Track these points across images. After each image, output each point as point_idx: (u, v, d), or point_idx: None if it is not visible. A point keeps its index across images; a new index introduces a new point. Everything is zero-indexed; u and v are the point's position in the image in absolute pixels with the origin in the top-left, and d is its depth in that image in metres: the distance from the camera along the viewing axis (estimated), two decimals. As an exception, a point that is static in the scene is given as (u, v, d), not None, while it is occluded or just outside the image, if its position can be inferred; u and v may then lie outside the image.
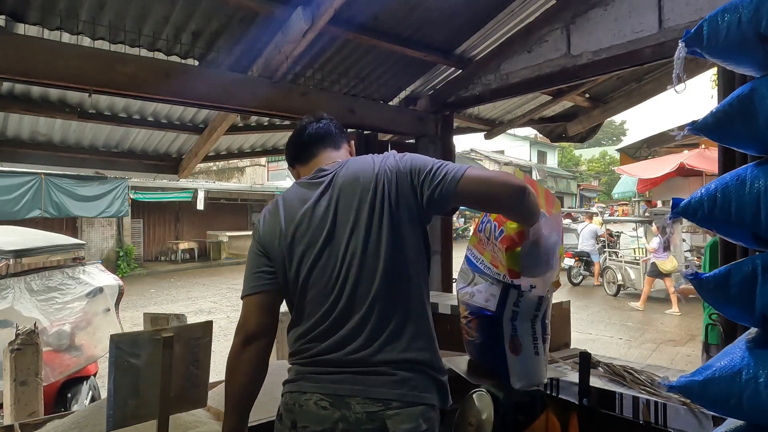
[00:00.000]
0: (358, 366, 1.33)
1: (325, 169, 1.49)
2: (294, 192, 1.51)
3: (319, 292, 1.38)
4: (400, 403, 1.29)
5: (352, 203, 1.39)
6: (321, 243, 1.39)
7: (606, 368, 1.96)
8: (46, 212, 11.10)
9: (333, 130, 1.61)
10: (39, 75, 2.53)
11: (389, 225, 1.36)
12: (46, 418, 2.00)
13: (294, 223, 1.43)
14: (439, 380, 1.38)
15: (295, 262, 1.40)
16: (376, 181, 1.39)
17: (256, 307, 1.43)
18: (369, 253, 1.35)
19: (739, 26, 0.97)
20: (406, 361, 1.32)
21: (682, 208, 1.09)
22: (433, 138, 4.22)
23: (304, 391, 1.35)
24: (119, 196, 12.41)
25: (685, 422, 1.60)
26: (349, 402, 1.30)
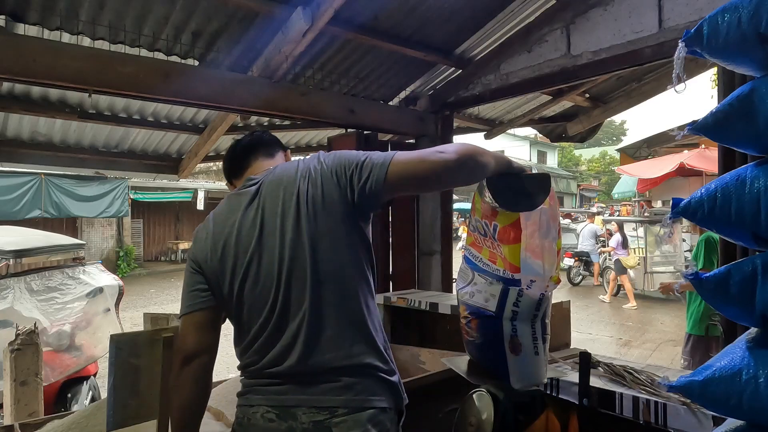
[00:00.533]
0: (301, 376, 1.30)
1: (253, 177, 1.46)
2: (223, 205, 1.47)
3: (253, 304, 1.35)
4: (346, 409, 1.26)
5: (276, 209, 1.35)
6: (250, 254, 1.35)
7: (606, 368, 1.96)
8: (46, 212, 11.10)
9: (265, 140, 1.59)
10: (39, 75, 2.53)
11: (315, 228, 1.32)
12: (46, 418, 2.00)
13: (223, 236, 1.39)
14: (388, 381, 1.34)
15: (228, 276, 1.36)
16: (298, 184, 1.35)
17: (192, 325, 1.39)
18: (297, 260, 1.31)
19: (739, 26, 0.97)
20: (349, 367, 1.29)
21: (682, 207, 1.09)
22: (433, 138, 4.22)
23: (251, 404, 1.33)
24: (119, 196, 12.40)
25: (685, 422, 1.60)
26: (295, 412, 1.27)
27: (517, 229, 1.55)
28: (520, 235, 1.55)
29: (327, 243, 1.32)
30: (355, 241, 1.36)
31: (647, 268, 10.23)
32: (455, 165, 1.30)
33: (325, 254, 1.32)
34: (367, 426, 1.26)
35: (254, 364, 1.35)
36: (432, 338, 3.36)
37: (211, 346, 1.40)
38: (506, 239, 1.58)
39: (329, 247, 1.32)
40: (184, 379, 1.37)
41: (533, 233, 1.55)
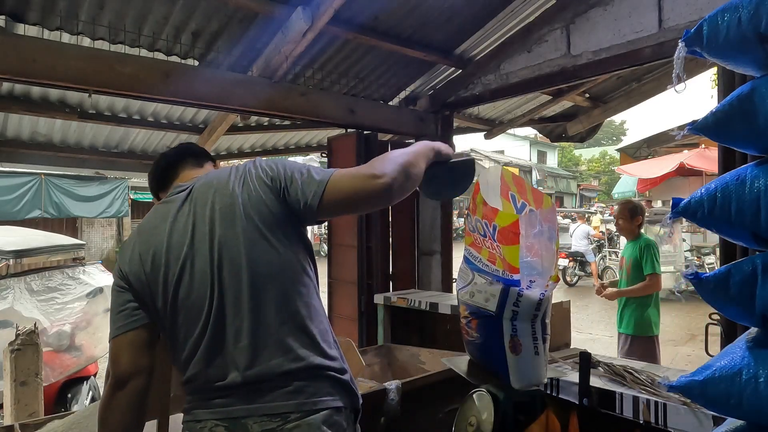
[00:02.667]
0: (249, 384, 1.23)
1: (181, 185, 1.39)
2: (150, 216, 1.39)
3: (188, 314, 1.27)
4: (299, 414, 1.21)
5: (206, 213, 1.30)
6: (182, 260, 1.28)
7: (606, 368, 1.96)
8: (46, 212, 11.10)
9: (193, 150, 1.54)
10: (39, 75, 2.53)
11: (250, 231, 1.27)
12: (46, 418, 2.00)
13: (152, 246, 1.31)
14: (340, 380, 1.30)
15: (161, 287, 1.28)
16: (232, 187, 1.30)
17: (126, 346, 1.29)
18: (233, 263, 1.26)
19: (739, 26, 0.97)
20: (297, 370, 1.24)
21: (682, 207, 1.09)
22: (433, 138, 4.21)
23: (198, 420, 1.26)
24: (119, 197, 12.40)
25: (685, 422, 1.60)
26: (245, 423, 1.21)
27: (515, 230, 1.55)
28: (518, 237, 1.55)
29: (263, 246, 1.27)
30: (292, 242, 1.32)
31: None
32: (389, 189, 1.26)
33: (262, 257, 1.27)
34: (322, 428, 1.22)
35: (196, 378, 1.27)
36: (432, 338, 3.36)
37: (146, 368, 1.30)
38: (505, 240, 1.59)
39: (266, 250, 1.28)
40: (116, 405, 1.27)
41: (532, 234, 1.56)
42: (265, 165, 1.35)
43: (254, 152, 5.72)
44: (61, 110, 3.71)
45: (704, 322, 2.30)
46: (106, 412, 1.29)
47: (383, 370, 2.80)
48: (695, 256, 10.74)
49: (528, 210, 1.66)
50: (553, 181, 35.16)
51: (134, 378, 1.28)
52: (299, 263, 1.32)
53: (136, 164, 5.00)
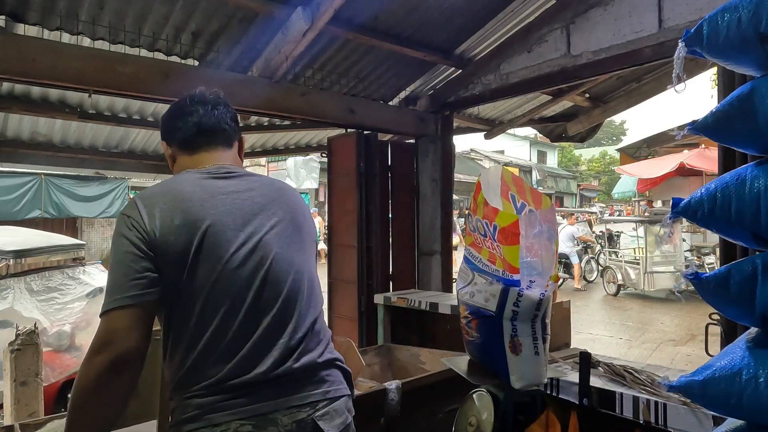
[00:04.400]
0: (278, 379, 1.21)
1: (229, 168, 1.39)
2: (192, 185, 1.29)
3: (233, 304, 1.21)
4: (326, 401, 1.27)
5: (272, 210, 1.35)
6: (236, 243, 1.24)
7: (606, 368, 1.96)
8: (46, 212, 11.11)
9: (230, 128, 1.48)
10: (39, 75, 2.53)
11: (298, 234, 1.39)
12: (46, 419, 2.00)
13: (204, 221, 1.21)
14: (346, 370, 1.39)
15: (208, 265, 1.19)
16: (291, 198, 1.43)
17: (133, 320, 1.12)
18: (279, 258, 1.30)
19: (739, 26, 0.97)
20: (322, 362, 1.31)
21: (682, 207, 1.09)
22: (433, 138, 4.22)
23: (216, 423, 1.14)
24: (119, 197, 12.41)
25: (685, 422, 1.60)
26: (274, 418, 1.17)
27: (516, 230, 1.55)
28: (518, 237, 1.55)
29: (309, 250, 1.42)
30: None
31: (647, 268, 10.22)
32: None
33: (309, 260, 1.40)
34: (346, 413, 1.31)
35: (211, 377, 1.17)
36: (432, 338, 3.36)
37: (146, 351, 1.16)
38: (505, 240, 1.59)
39: (309, 255, 1.41)
40: (109, 390, 1.10)
41: (531, 234, 1.56)
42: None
43: (254, 152, 5.72)
44: (61, 110, 3.71)
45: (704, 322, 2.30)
46: (90, 401, 1.10)
47: (383, 370, 2.80)
48: (695, 256, 10.74)
49: (527, 210, 1.66)
50: (553, 181, 35.16)
51: (137, 360, 1.12)
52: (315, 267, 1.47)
53: (136, 164, 5.00)
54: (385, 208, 4.20)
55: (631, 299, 10.62)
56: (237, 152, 1.51)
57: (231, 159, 1.46)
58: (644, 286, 10.29)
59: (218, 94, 1.51)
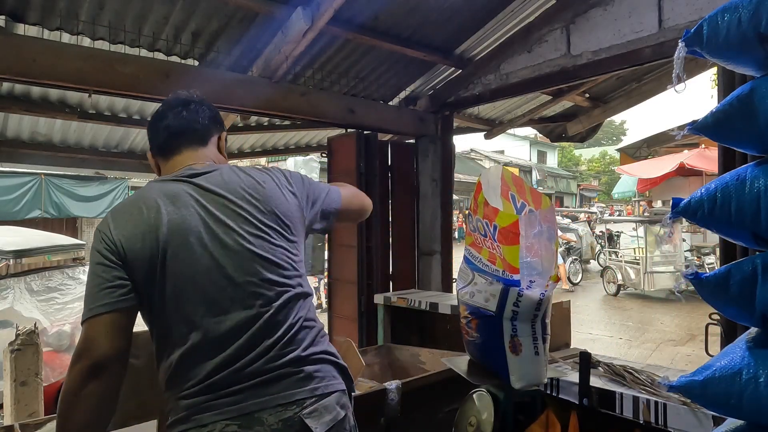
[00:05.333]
0: (260, 376, 1.20)
1: (195, 168, 1.35)
2: (153, 193, 1.30)
3: (212, 306, 1.23)
4: (313, 398, 1.23)
5: (236, 210, 1.30)
6: (194, 246, 1.24)
7: (606, 368, 1.96)
8: (46, 212, 11.11)
9: (200, 125, 1.44)
10: (39, 75, 2.53)
11: (278, 229, 1.35)
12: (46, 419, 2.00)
13: (167, 225, 1.24)
14: (340, 364, 1.35)
15: (158, 269, 1.21)
16: (266, 193, 1.39)
17: (110, 327, 1.16)
18: (246, 253, 1.27)
19: (739, 26, 0.97)
20: (308, 356, 1.27)
21: (682, 207, 1.09)
22: (433, 138, 4.22)
23: (204, 424, 1.16)
24: (119, 197, 12.39)
25: (685, 422, 1.60)
26: (260, 417, 1.17)
27: (516, 230, 1.56)
28: (519, 237, 1.55)
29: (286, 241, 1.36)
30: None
31: (647, 268, 10.22)
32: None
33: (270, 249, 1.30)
34: (337, 409, 1.26)
35: (196, 376, 1.20)
36: (432, 338, 3.36)
37: (125, 355, 1.19)
38: (506, 240, 1.59)
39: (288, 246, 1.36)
40: (88, 395, 1.13)
41: (531, 234, 1.56)
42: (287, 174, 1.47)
43: (254, 152, 5.72)
44: (61, 110, 3.71)
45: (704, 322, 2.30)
46: (74, 405, 1.15)
47: (383, 370, 2.80)
48: (695, 256, 10.75)
49: (527, 210, 1.66)
50: (553, 181, 35.16)
51: (114, 364, 1.16)
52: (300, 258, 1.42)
53: (136, 164, 5.00)
54: (385, 208, 4.20)
55: (631, 299, 10.62)
56: (216, 148, 1.47)
57: (205, 157, 1.41)
58: (644, 286, 10.29)
59: (192, 94, 1.50)
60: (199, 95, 1.52)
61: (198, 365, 1.20)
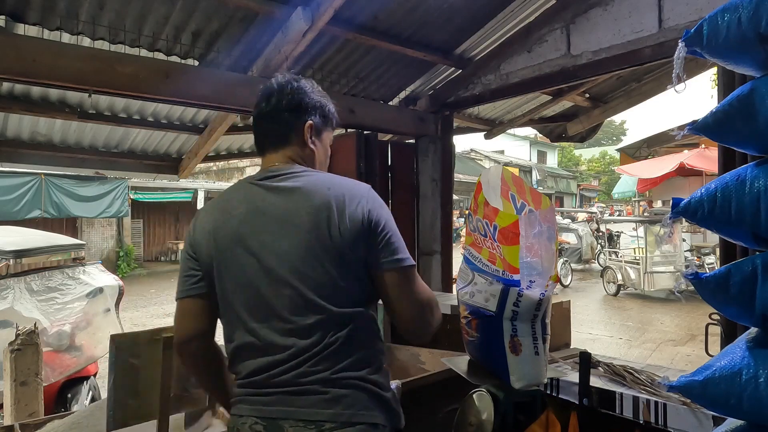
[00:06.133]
0: (289, 386, 1.22)
1: (273, 172, 1.36)
2: (235, 189, 1.40)
3: (258, 306, 1.28)
4: (333, 423, 1.18)
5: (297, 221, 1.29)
6: (253, 249, 1.28)
7: (606, 368, 1.96)
8: (46, 212, 11.11)
9: (282, 121, 1.39)
10: (39, 75, 2.53)
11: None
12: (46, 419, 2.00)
13: (225, 227, 1.33)
14: (383, 397, 1.26)
15: (216, 268, 1.31)
16: (329, 206, 1.29)
17: (184, 311, 1.34)
18: (303, 263, 1.25)
19: (739, 26, 0.97)
20: (339, 379, 1.22)
21: (682, 207, 1.09)
22: (433, 138, 4.22)
23: (241, 414, 1.26)
24: (119, 197, 12.42)
25: (685, 422, 1.60)
26: (282, 425, 1.20)
27: (516, 230, 1.56)
28: (518, 237, 1.55)
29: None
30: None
31: (647, 268, 10.23)
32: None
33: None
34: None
35: (243, 370, 1.28)
36: (432, 338, 3.36)
37: (204, 332, 1.34)
38: (506, 240, 1.59)
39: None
40: (183, 362, 1.40)
41: (531, 234, 1.56)
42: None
43: (254, 152, 5.71)
44: (61, 110, 3.71)
45: (704, 322, 2.30)
46: (183, 365, 1.41)
47: (383, 370, 2.80)
48: (695, 256, 10.75)
49: (527, 210, 1.66)
50: (553, 181, 35.16)
51: (193, 341, 1.33)
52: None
53: (136, 164, 4.99)
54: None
55: (631, 299, 10.62)
56: (302, 141, 1.39)
57: (286, 158, 1.37)
58: (644, 286, 10.30)
59: (280, 81, 1.41)
60: (288, 78, 1.42)
61: (243, 362, 1.29)
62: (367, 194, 1.32)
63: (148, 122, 4.21)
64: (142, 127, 4.27)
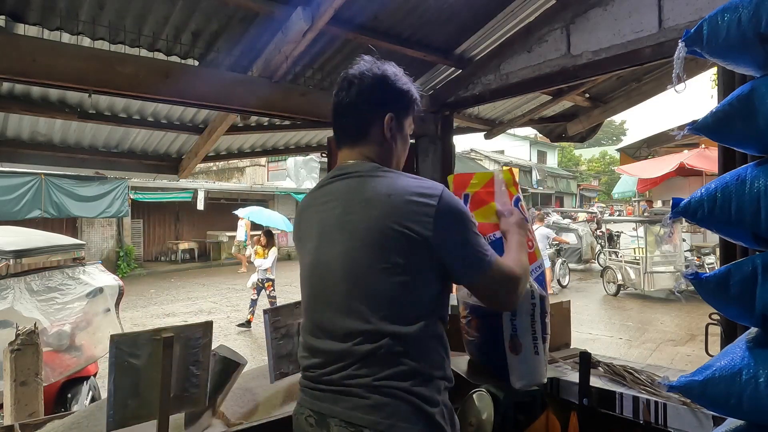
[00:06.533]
0: (335, 386, 1.24)
1: (343, 170, 1.36)
2: (320, 184, 1.43)
3: (325, 296, 1.32)
4: (371, 430, 1.18)
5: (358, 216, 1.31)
6: (326, 247, 1.33)
7: (606, 368, 1.96)
8: (46, 212, 11.12)
9: (357, 111, 1.36)
10: (39, 75, 2.53)
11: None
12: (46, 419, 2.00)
13: (302, 221, 1.46)
14: (426, 411, 1.21)
15: (305, 255, 1.40)
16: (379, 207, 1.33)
17: None
18: (357, 263, 1.25)
19: (739, 26, 0.97)
20: (382, 387, 1.19)
21: (682, 207, 1.09)
22: (433, 138, 4.22)
23: (300, 404, 1.34)
24: (119, 197, 12.42)
25: (685, 422, 1.60)
26: (329, 422, 1.23)
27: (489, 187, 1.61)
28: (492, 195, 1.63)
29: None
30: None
31: (647, 268, 10.22)
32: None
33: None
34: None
35: (303, 362, 1.36)
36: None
37: None
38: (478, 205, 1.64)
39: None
40: None
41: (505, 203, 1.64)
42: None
43: (254, 152, 5.72)
44: (61, 110, 3.71)
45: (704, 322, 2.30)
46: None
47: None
48: (695, 256, 10.75)
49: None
50: (553, 181, 35.16)
51: None
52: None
53: (136, 164, 4.99)
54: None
55: (631, 299, 10.62)
56: (380, 136, 1.35)
57: (360, 155, 1.34)
58: (644, 286, 10.30)
59: (360, 68, 1.38)
60: (369, 66, 1.38)
61: (304, 357, 1.36)
62: (437, 200, 1.22)
63: (148, 122, 4.21)
64: (142, 127, 4.27)
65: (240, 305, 10.38)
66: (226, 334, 8.10)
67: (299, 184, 19.71)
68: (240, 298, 11.14)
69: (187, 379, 1.61)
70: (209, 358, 1.68)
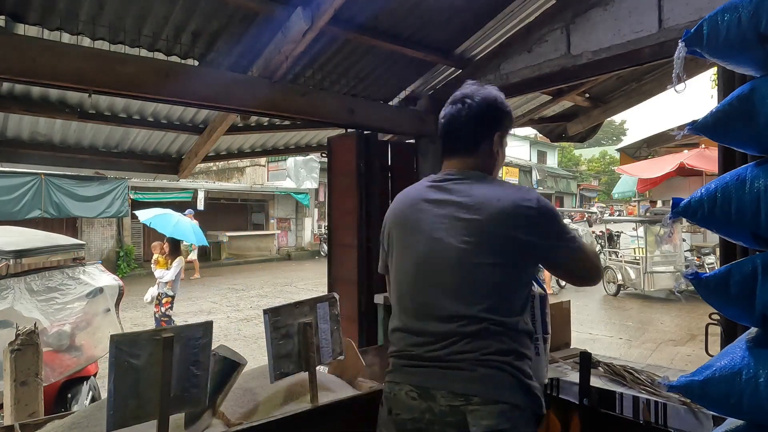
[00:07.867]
0: (439, 361, 1.39)
1: (449, 176, 1.56)
2: (416, 187, 1.62)
3: (428, 279, 1.47)
4: (480, 398, 1.33)
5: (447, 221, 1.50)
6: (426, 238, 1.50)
7: (606, 368, 1.96)
8: (46, 212, 11.12)
9: (465, 129, 1.58)
10: (39, 75, 2.53)
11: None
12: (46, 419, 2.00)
13: (397, 217, 1.64)
14: (525, 383, 1.38)
15: (405, 251, 1.55)
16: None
17: (386, 283, 1.72)
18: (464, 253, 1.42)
19: (739, 26, 0.97)
20: (486, 360, 1.36)
21: (682, 207, 1.09)
22: (433, 138, 4.22)
23: (397, 382, 1.47)
24: (119, 197, 12.43)
25: (685, 422, 1.60)
26: (434, 394, 1.37)
27: None
28: None
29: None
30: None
31: (647, 268, 10.22)
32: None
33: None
34: (499, 419, 1.31)
35: (401, 343, 1.49)
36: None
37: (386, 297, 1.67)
38: None
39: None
40: None
41: None
42: None
43: (254, 152, 5.72)
44: (61, 110, 3.71)
45: (704, 322, 2.30)
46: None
47: (383, 370, 2.80)
48: (695, 256, 10.75)
49: None
50: (553, 181, 35.16)
51: None
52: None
53: (136, 164, 4.99)
54: (385, 208, 4.17)
55: (631, 299, 10.62)
56: (489, 151, 1.56)
57: (466, 165, 1.54)
58: (644, 286, 10.30)
59: (478, 93, 1.57)
60: (485, 93, 1.57)
61: (401, 339, 1.50)
62: (536, 202, 1.43)
63: (148, 122, 4.21)
64: (142, 127, 4.27)
65: (240, 305, 10.38)
66: (227, 334, 8.10)
67: (299, 184, 19.71)
68: (240, 298, 11.14)
69: (187, 379, 1.61)
70: (209, 358, 1.67)
